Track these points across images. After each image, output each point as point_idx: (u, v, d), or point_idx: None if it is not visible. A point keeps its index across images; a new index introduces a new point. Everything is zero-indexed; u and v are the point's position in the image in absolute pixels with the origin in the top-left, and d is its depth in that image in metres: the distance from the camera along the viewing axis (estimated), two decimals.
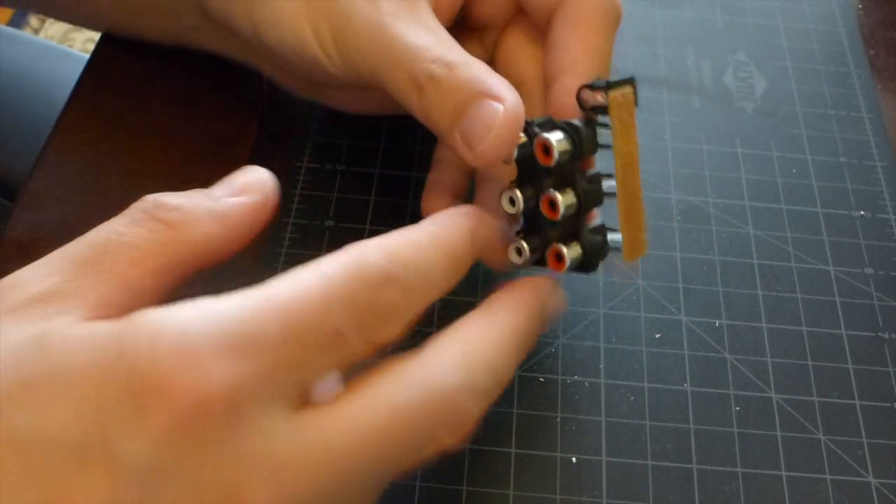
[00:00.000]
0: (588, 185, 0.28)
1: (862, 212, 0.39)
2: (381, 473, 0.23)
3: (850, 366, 0.34)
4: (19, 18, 1.35)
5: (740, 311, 0.35)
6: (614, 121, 0.27)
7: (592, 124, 0.28)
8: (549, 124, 0.28)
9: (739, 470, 0.31)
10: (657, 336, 0.34)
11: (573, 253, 0.28)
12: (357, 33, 0.30)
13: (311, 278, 0.22)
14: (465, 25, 0.36)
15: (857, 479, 0.31)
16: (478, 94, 0.28)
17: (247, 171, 0.26)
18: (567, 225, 0.29)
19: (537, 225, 0.29)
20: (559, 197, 0.27)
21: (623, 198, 0.28)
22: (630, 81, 0.27)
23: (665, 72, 0.44)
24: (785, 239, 0.38)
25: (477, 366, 0.24)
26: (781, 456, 0.32)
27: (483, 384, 0.24)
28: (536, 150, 0.27)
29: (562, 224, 0.28)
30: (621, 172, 0.27)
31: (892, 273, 0.37)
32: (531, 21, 0.34)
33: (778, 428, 0.32)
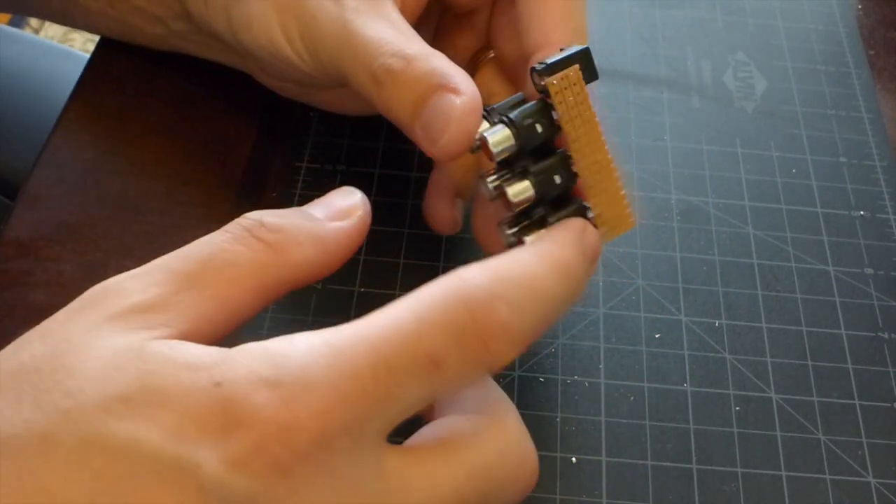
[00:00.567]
0: (538, 173, 0.27)
1: (862, 212, 0.39)
2: None
3: (850, 366, 0.34)
4: (19, 18, 1.35)
5: (740, 311, 0.35)
6: (558, 105, 0.26)
7: (548, 107, 0.27)
8: (506, 110, 0.27)
9: (739, 470, 0.31)
10: (657, 336, 0.34)
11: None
12: (322, 30, 0.30)
13: (405, 307, 0.22)
14: (452, 13, 0.36)
15: (857, 479, 0.31)
16: (436, 87, 0.28)
17: (345, 194, 0.26)
18: (558, 206, 0.28)
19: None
20: (507, 189, 0.27)
21: (585, 177, 0.27)
22: (576, 59, 0.26)
23: (665, 72, 0.44)
24: (785, 239, 0.38)
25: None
26: (781, 456, 0.32)
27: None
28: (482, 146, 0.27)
29: (550, 204, 0.27)
30: (576, 154, 0.26)
31: (892, 273, 0.37)
32: None
33: (778, 428, 0.32)
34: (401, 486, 0.22)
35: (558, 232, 0.26)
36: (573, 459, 0.31)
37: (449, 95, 0.27)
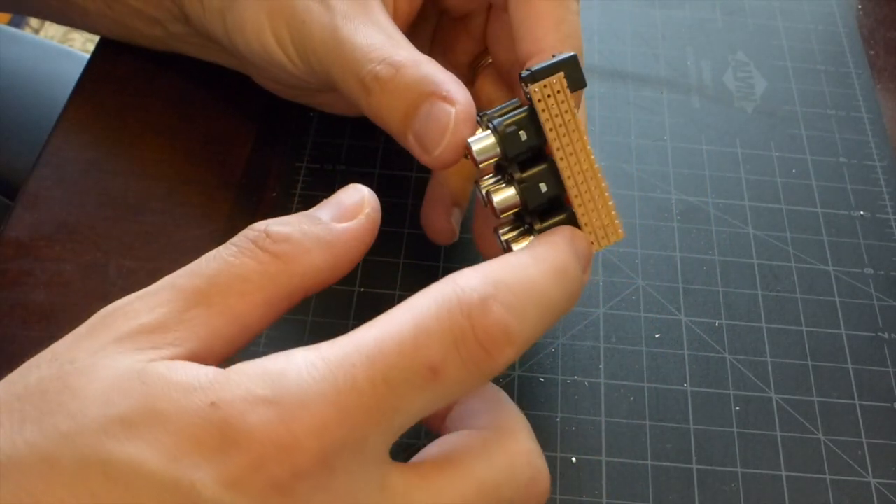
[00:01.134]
0: (524, 181, 0.26)
1: (862, 212, 0.39)
2: None
3: (850, 366, 0.34)
4: (19, 18, 1.35)
5: (740, 311, 0.35)
6: (541, 113, 0.26)
7: (535, 114, 0.26)
8: (496, 116, 0.27)
9: (739, 470, 0.31)
10: (657, 336, 0.34)
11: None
12: (312, 36, 0.30)
13: (401, 317, 0.22)
14: (449, 17, 0.36)
15: (857, 479, 0.31)
16: (427, 95, 0.27)
17: (352, 191, 0.26)
18: (550, 214, 0.27)
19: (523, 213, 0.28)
20: (492, 195, 0.26)
21: (570, 187, 0.26)
22: (562, 66, 0.26)
23: (665, 72, 0.44)
24: (785, 239, 0.38)
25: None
26: (781, 456, 0.32)
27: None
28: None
29: (539, 213, 0.27)
30: (562, 163, 0.26)
31: (892, 273, 0.37)
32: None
33: (778, 428, 0.32)
34: (404, 502, 0.21)
35: (550, 236, 0.25)
36: (573, 459, 0.31)
37: (442, 104, 0.27)
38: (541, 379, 0.33)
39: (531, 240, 0.27)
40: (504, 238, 0.27)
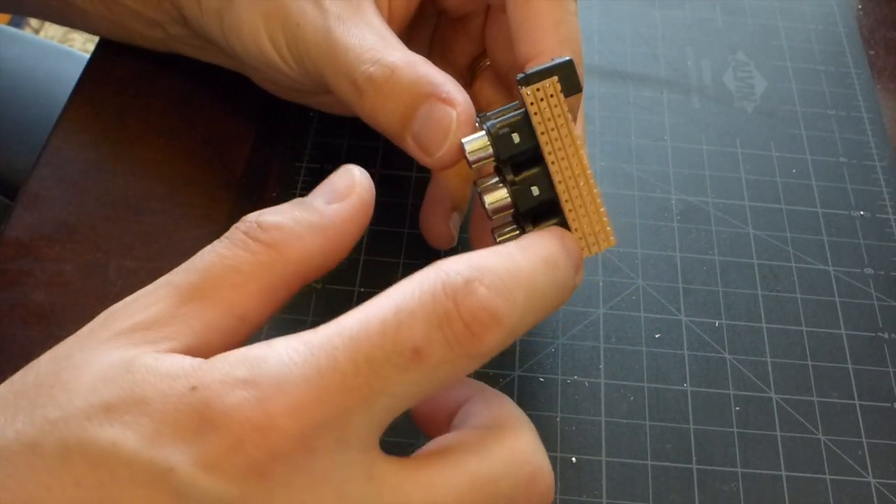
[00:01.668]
0: (516, 183, 0.26)
1: (862, 212, 0.39)
2: None
3: (850, 366, 0.34)
4: (19, 18, 1.35)
5: (740, 311, 0.35)
6: (533, 117, 0.25)
7: (529, 117, 0.26)
8: (493, 118, 0.27)
9: (739, 470, 0.31)
10: (657, 336, 0.34)
11: None
12: (306, 39, 0.30)
13: (384, 300, 0.21)
14: (448, 18, 0.36)
15: (857, 479, 0.31)
16: (425, 97, 0.27)
17: (343, 173, 0.25)
18: (539, 216, 0.27)
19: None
20: (484, 196, 0.26)
21: (561, 192, 0.26)
22: (556, 70, 0.25)
23: (665, 72, 0.44)
24: (785, 239, 0.38)
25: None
26: (781, 456, 0.32)
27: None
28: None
29: (533, 216, 0.27)
30: (553, 167, 0.26)
31: (892, 273, 0.37)
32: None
33: (778, 428, 0.32)
34: (393, 494, 0.21)
35: (538, 231, 0.25)
36: (573, 459, 0.31)
37: (442, 106, 0.27)
38: (541, 379, 0.33)
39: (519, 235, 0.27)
40: (499, 240, 0.27)
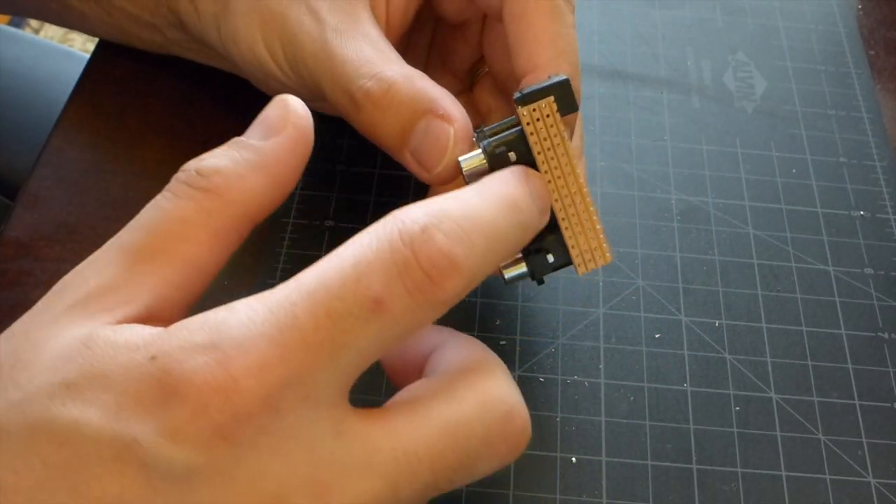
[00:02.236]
0: None
1: (862, 212, 0.39)
2: (430, 490, 0.21)
3: (850, 366, 0.34)
4: (19, 18, 1.35)
5: (740, 311, 0.35)
6: (529, 136, 0.26)
7: (525, 136, 0.26)
8: (490, 135, 0.27)
9: (739, 470, 0.31)
10: (657, 336, 0.34)
11: (511, 269, 0.27)
12: (303, 50, 0.30)
13: (340, 254, 0.21)
14: (446, 24, 0.36)
15: (857, 479, 0.31)
16: (423, 113, 0.27)
17: (276, 104, 0.25)
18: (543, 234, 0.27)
19: None
20: None
21: (557, 210, 0.26)
22: (552, 90, 0.26)
23: (665, 72, 0.44)
24: (785, 239, 0.38)
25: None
26: (781, 456, 0.32)
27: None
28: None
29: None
30: (549, 186, 0.26)
31: (892, 273, 0.37)
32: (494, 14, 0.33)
33: (778, 428, 0.32)
34: (363, 447, 0.20)
35: (500, 172, 0.25)
36: (573, 459, 0.31)
37: (440, 123, 0.27)
38: (541, 379, 0.33)
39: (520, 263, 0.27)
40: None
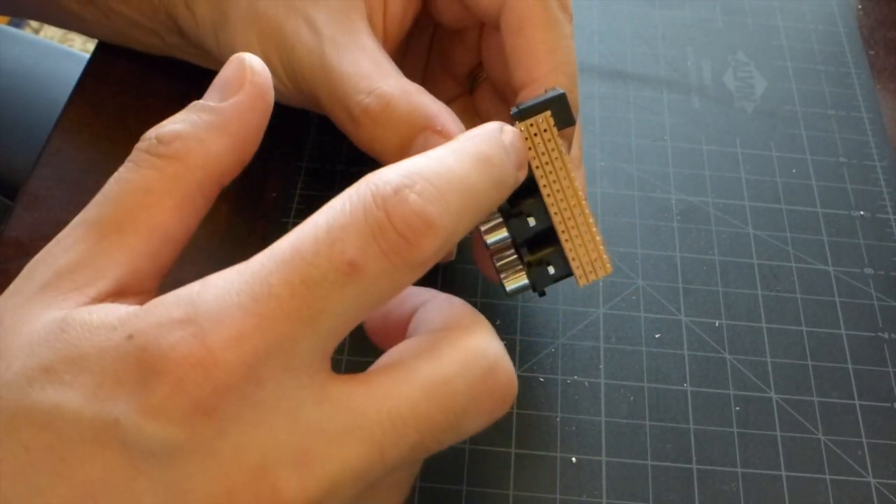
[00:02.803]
0: (513, 216, 0.27)
1: (861, 212, 0.39)
2: (419, 450, 0.21)
3: (850, 366, 0.34)
4: (19, 18, 1.35)
5: (740, 311, 0.35)
6: (529, 151, 0.26)
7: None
8: None
9: (739, 470, 0.31)
10: (657, 336, 0.34)
11: (513, 282, 0.28)
12: (300, 62, 0.30)
13: (313, 221, 0.21)
14: (445, 28, 0.36)
15: (857, 479, 0.31)
16: (421, 128, 0.27)
17: (231, 64, 0.25)
18: (537, 244, 0.28)
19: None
20: (482, 230, 0.27)
21: (557, 223, 0.27)
22: (550, 104, 0.26)
23: (665, 72, 0.44)
24: (785, 239, 0.38)
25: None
26: (781, 456, 0.32)
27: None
28: None
29: (530, 244, 0.28)
30: (549, 199, 0.27)
31: (892, 273, 0.37)
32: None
33: (778, 428, 0.32)
34: (347, 412, 0.20)
35: (473, 130, 0.24)
36: (573, 459, 0.31)
37: (438, 138, 0.27)
38: (541, 379, 0.33)
39: (520, 274, 0.27)
40: (499, 265, 0.28)
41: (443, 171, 0.22)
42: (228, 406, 0.19)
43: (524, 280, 0.28)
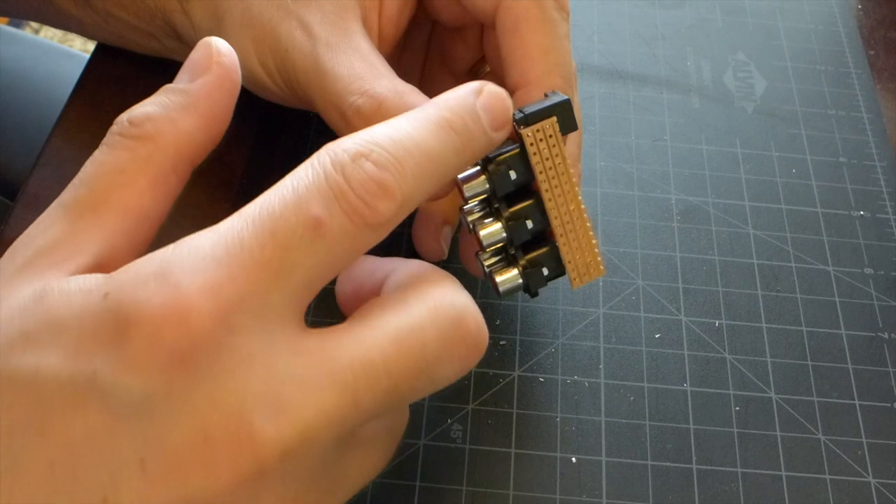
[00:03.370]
0: (510, 217, 0.27)
1: (861, 212, 0.39)
2: (393, 397, 0.22)
3: (850, 366, 0.34)
4: (18, 19, 1.35)
5: (740, 311, 0.35)
6: (532, 156, 0.26)
7: (525, 154, 0.27)
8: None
9: (739, 470, 0.31)
10: (657, 336, 0.34)
11: (507, 283, 0.28)
12: (295, 65, 0.30)
13: (279, 185, 0.22)
14: (444, 26, 0.36)
15: (857, 479, 0.31)
16: None
17: (199, 48, 0.25)
18: (530, 245, 0.28)
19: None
20: (479, 230, 0.27)
21: (556, 227, 0.27)
22: (554, 110, 0.26)
23: (665, 72, 0.44)
24: (785, 239, 0.38)
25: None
26: (781, 456, 0.32)
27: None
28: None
29: (523, 245, 0.28)
30: (549, 203, 0.27)
31: (892, 273, 0.37)
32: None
33: (777, 428, 0.32)
34: (320, 360, 0.21)
35: (442, 95, 0.25)
36: (573, 459, 0.31)
37: None
38: (541, 379, 0.33)
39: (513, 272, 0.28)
40: (487, 263, 0.28)
41: (398, 138, 0.22)
42: (204, 355, 0.20)
43: (518, 281, 0.28)
